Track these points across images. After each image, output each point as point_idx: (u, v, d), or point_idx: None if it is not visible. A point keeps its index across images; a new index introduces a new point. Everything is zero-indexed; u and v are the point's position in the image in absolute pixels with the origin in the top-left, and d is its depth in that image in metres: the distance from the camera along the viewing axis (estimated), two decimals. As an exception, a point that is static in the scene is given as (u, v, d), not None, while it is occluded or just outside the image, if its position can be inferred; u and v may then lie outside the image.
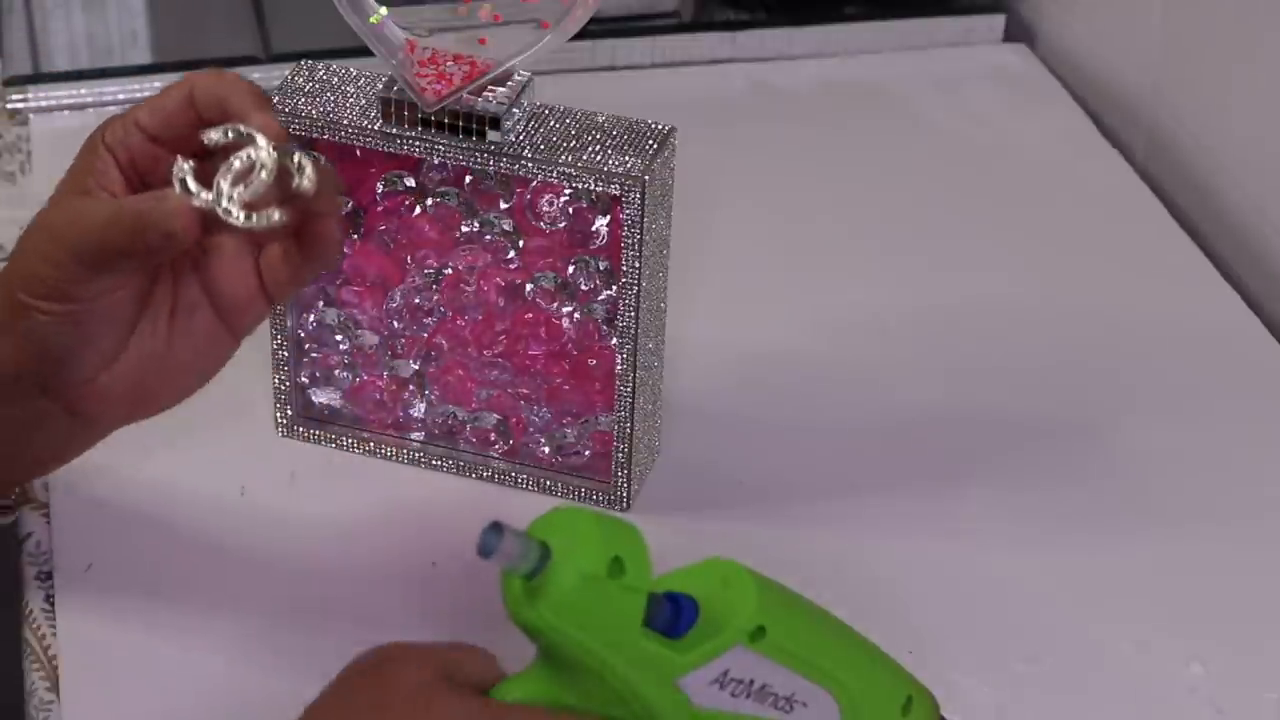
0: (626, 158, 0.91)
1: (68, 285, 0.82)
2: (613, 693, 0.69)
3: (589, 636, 0.68)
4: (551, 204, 0.95)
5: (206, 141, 0.81)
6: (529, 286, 0.97)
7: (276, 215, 0.79)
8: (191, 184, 0.80)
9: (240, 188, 0.80)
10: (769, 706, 0.72)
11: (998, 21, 1.46)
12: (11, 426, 0.87)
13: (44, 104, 1.33)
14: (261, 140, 0.80)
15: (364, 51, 0.93)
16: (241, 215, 0.79)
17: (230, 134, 0.81)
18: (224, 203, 0.80)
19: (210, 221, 0.80)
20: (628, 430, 0.97)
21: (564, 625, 0.68)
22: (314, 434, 1.02)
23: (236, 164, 0.80)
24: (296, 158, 0.80)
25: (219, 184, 0.80)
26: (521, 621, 0.69)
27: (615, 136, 0.93)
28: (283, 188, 0.80)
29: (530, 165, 0.92)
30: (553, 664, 0.70)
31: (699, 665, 0.70)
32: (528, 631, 0.69)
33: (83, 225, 0.81)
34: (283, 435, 1.03)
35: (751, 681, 0.71)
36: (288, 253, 0.83)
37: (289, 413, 1.02)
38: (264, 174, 0.79)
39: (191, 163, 0.81)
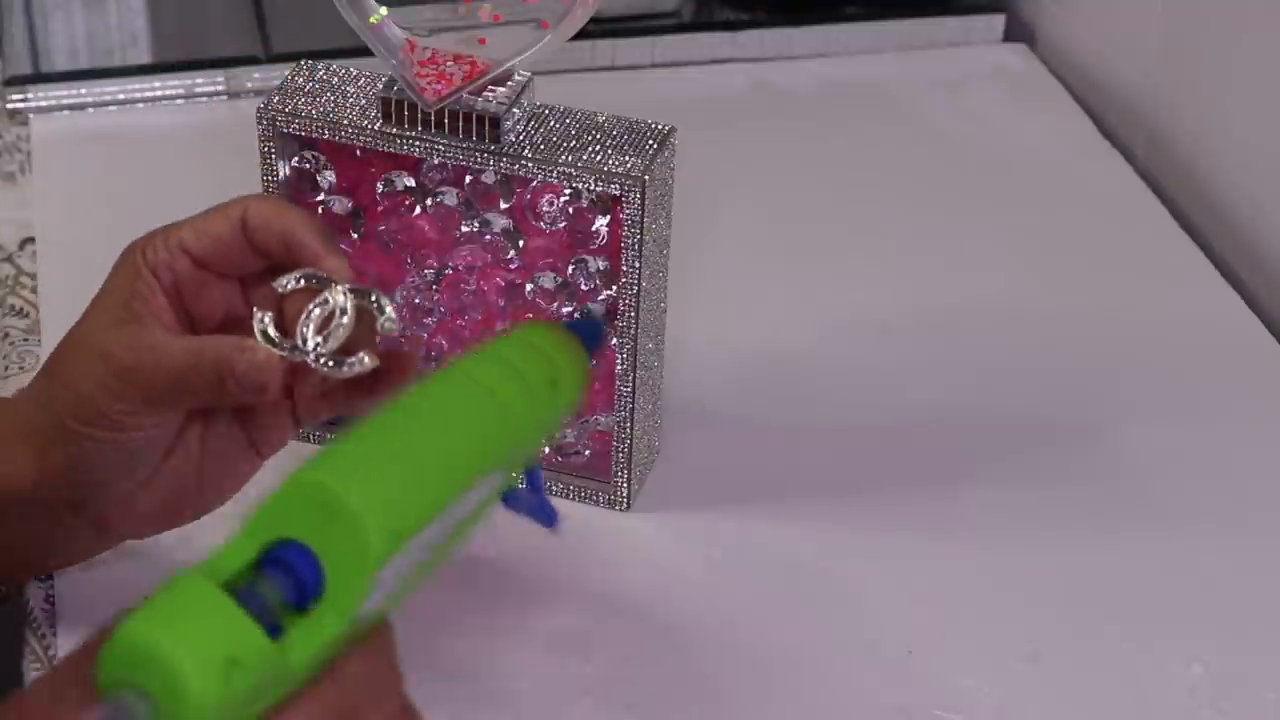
0: (626, 158, 0.91)
1: (127, 417, 0.81)
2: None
3: (266, 698, 0.62)
4: (551, 204, 0.95)
5: (279, 289, 0.81)
6: (529, 286, 0.97)
7: (366, 360, 0.80)
8: (273, 333, 0.80)
9: (322, 337, 0.80)
10: (423, 552, 0.68)
11: (998, 21, 1.46)
12: (30, 540, 0.87)
13: (44, 104, 1.33)
14: (339, 286, 0.80)
15: (364, 51, 0.93)
16: (330, 364, 0.80)
17: (303, 281, 0.81)
18: (311, 354, 0.80)
19: (292, 368, 0.81)
20: (628, 430, 0.97)
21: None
22: (315, 434, 1.02)
23: (317, 311, 0.80)
24: (374, 298, 0.80)
25: (303, 333, 0.80)
26: None
27: (615, 136, 0.93)
28: (360, 328, 0.81)
29: (530, 165, 0.92)
30: None
31: (350, 619, 0.64)
32: None
33: (156, 365, 0.80)
34: (283, 435, 1.03)
35: (401, 567, 0.67)
36: (327, 386, 0.83)
37: (289, 413, 1.02)
38: (345, 320, 0.80)
39: (271, 314, 0.81)
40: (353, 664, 0.64)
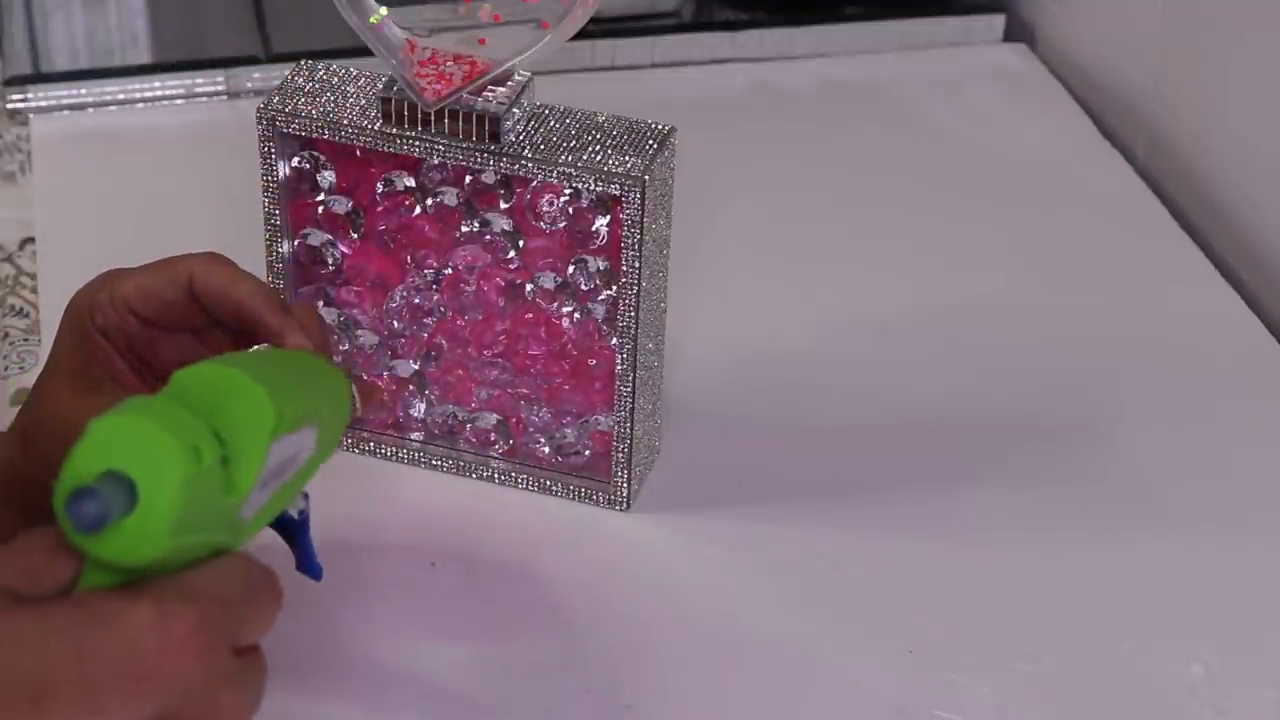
0: (626, 158, 0.91)
1: None
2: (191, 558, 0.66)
3: (198, 533, 0.65)
4: (551, 204, 0.95)
5: None
6: (529, 286, 0.97)
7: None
8: None
9: None
10: (287, 469, 0.71)
11: (998, 21, 1.46)
12: None
13: (44, 104, 1.33)
14: None
15: (364, 51, 0.93)
16: None
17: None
18: None
19: None
20: (628, 430, 0.97)
21: (180, 539, 0.64)
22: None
23: None
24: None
25: None
26: (145, 560, 0.64)
27: (615, 136, 0.93)
28: None
29: (530, 165, 0.92)
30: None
31: (253, 486, 0.68)
32: (138, 569, 0.64)
33: None
34: (283, 435, 1.03)
35: (278, 462, 0.70)
36: None
37: (289, 413, 1.02)
38: None
39: None
40: (244, 557, 0.68)
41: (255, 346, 0.81)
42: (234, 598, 0.66)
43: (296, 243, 0.98)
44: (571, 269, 0.96)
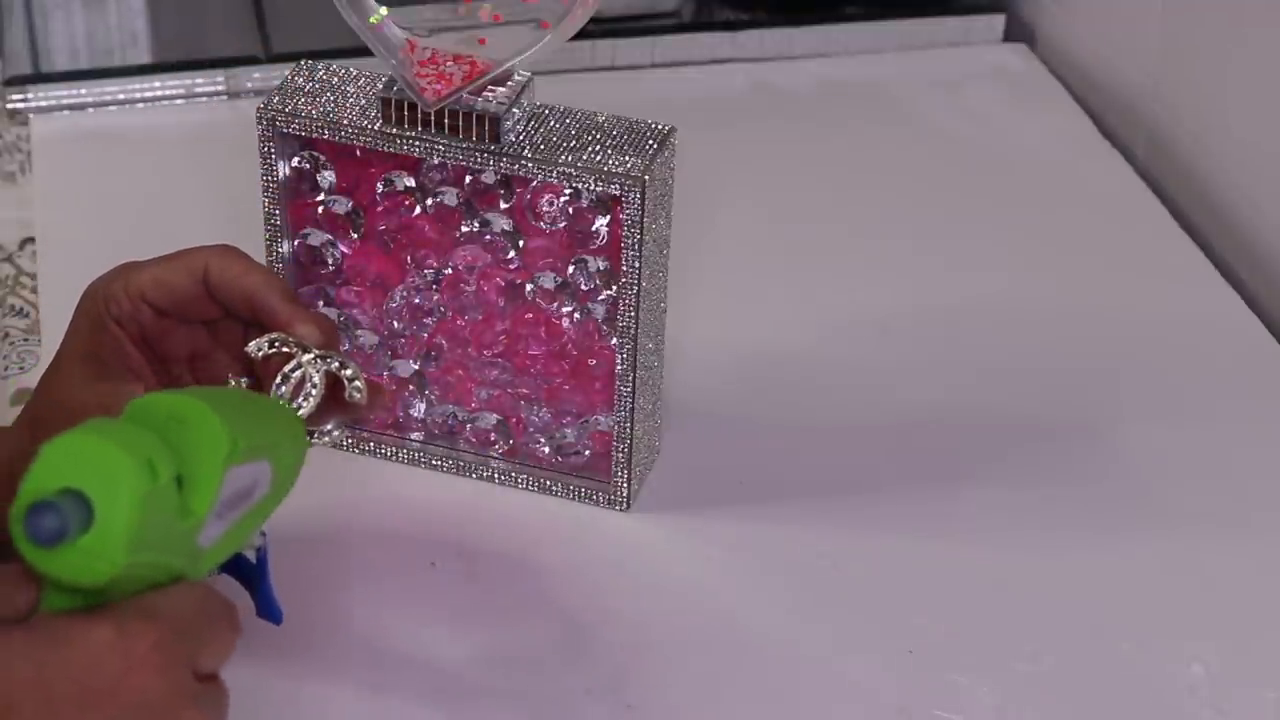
0: (626, 158, 0.91)
1: None
2: (146, 581, 0.67)
3: (155, 553, 0.66)
4: (551, 204, 0.95)
5: (250, 353, 0.81)
6: (529, 286, 0.97)
7: (336, 433, 0.83)
8: None
9: (294, 406, 0.81)
10: (242, 502, 0.72)
11: (998, 21, 1.46)
12: None
13: (44, 104, 1.33)
14: (309, 354, 0.81)
15: (364, 51, 0.93)
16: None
17: (274, 345, 0.81)
18: None
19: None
20: (628, 430, 0.97)
21: (137, 557, 0.64)
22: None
23: (287, 385, 0.81)
24: (341, 366, 0.81)
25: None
26: (102, 578, 0.64)
27: (615, 136, 0.93)
28: (331, 391, 0.81)
29: (530, 165, 0.92)
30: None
31: (209, 510, 0.68)
32: (95, 590, 0.65)
33: None
34: (283, 435, 1.03)
35: (233, 492, 0.70)
36: None
37: (289, 413, 1.02)
38: (315, 392, 0.80)
39: (246, 381, 0.82)
40: (204, 585, 0.70)
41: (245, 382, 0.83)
42: (193, 621, 0.67)
43: (296, 243, 0.98)
44: (571, 269, 0.96)
